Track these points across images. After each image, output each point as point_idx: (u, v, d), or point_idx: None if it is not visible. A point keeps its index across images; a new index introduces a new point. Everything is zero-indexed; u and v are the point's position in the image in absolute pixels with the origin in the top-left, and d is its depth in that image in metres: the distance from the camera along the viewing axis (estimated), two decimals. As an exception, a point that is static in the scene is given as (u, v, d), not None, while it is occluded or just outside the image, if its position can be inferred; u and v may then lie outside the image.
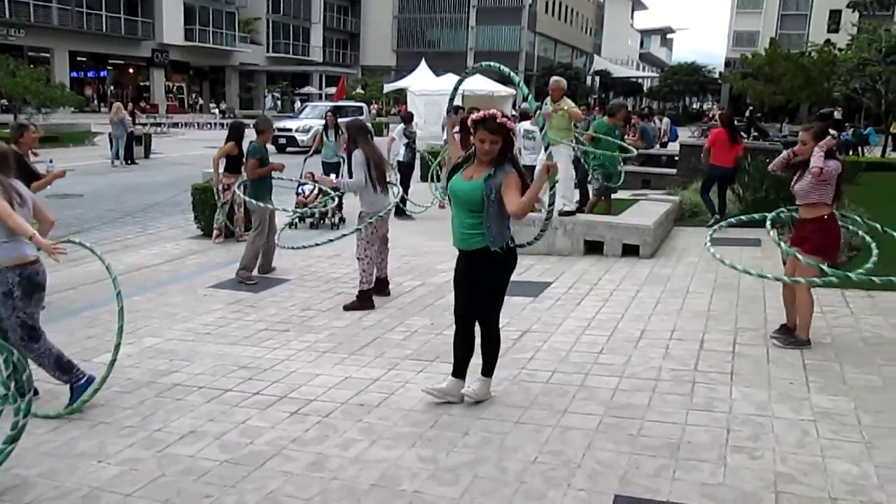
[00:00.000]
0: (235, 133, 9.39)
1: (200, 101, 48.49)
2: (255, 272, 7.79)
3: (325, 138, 12.81)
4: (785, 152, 5.56)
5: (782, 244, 5.22)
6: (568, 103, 8.88)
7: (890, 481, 3.35)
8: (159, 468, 3.69)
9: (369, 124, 12.91)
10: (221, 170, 9.53)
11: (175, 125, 36.67)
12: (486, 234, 4.11)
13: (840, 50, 29.25)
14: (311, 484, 3.51)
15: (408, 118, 13.35)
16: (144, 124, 28.28)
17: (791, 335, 5.35)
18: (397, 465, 3.67)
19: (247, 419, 4.27)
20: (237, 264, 7.73)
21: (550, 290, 7.08)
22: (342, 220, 11.05)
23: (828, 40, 35.81)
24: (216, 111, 45.50)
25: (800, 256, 5.01)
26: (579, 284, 7.28)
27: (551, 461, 3.65)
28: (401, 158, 12.52)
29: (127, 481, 3.56)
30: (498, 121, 4.02)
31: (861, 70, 20.82)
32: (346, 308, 6.63)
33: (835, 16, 59.11)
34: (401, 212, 11.69)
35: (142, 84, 48.11)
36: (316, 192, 10.81)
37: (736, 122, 21.67)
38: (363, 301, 6.69)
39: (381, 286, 7.07)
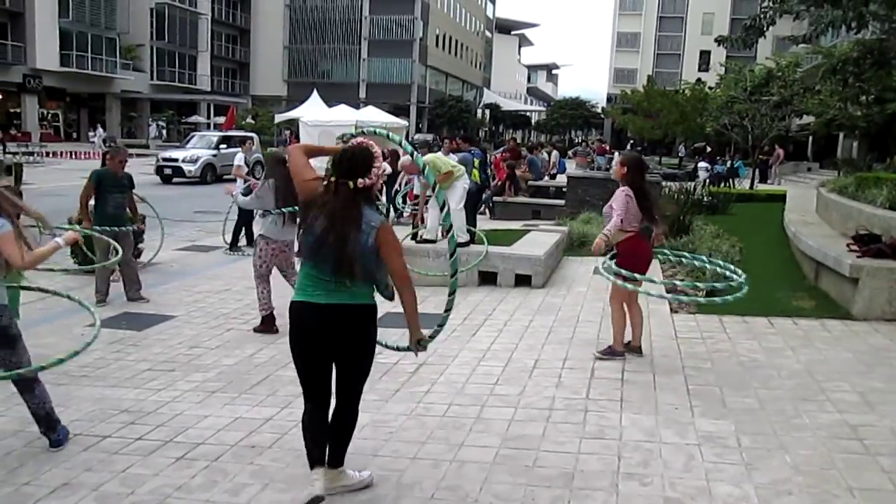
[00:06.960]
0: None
1: (99, 132, 44.56)
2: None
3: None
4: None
5: (602, 271, 5.59)
6: (432, 160, 8.87)
7: (767, 501, 3.51)
8: (28, 527, 3.41)
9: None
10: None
11: (50, 154, 34.65)
12: None
13: (710, 88, 31.29)
14: (199, 535, 3.33)
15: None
16: (15, 153, 26.55)
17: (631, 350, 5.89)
18: (291, 509, 3.54)
19: (128, 467, 4.02)
20: (121, 298, 7.34)
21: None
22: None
23: (699, 79, 38.23)
24: (95, 140, 43.22)
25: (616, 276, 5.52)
26: (474, 315, 7.34)
27: (449, 497, 3.62)
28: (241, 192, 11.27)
29: (-9, 543, 3.27)
30: None
31: (729, 107, 22.27)
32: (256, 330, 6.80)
33: (705, 56, 63.43)
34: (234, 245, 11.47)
35: (12, 111, 45.24)
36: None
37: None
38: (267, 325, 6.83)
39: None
